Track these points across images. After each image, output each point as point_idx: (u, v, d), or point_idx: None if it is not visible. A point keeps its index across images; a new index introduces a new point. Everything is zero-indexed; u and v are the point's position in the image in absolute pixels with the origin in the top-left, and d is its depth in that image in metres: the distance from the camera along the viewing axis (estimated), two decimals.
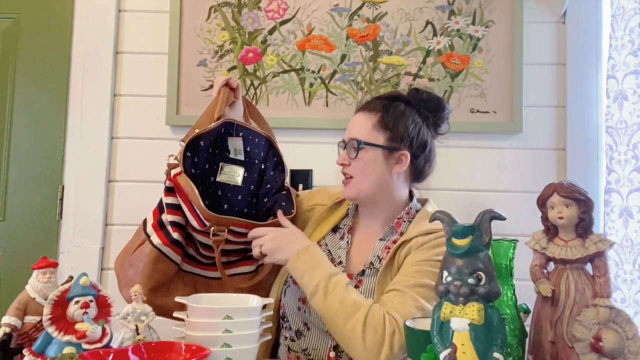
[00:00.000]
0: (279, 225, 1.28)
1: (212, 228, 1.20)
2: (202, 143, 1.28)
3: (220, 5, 1.91)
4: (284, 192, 1.37)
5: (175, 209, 1.26)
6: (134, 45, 1.93)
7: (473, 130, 1.84)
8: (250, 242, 1.26)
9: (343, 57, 1.89)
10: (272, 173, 1.38)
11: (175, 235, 1.24)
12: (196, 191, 1.20)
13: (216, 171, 1.34)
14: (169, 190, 1.27)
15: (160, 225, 1.27)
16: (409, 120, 1.26)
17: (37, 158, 1.90)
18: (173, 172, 1.24)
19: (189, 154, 1.26)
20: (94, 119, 1.89)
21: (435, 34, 1.88)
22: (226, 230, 1.22)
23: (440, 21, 1.88)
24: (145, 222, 1.31)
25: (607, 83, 1.64)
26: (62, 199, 1.88)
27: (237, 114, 1.40)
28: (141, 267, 1.24)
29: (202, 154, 1.28)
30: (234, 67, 1.89)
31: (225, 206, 1.34)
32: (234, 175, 1.36)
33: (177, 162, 1.24)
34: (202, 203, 1.19)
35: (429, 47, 1.88)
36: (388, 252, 1.23)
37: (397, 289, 1.13)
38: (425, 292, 1.11)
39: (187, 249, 1.29)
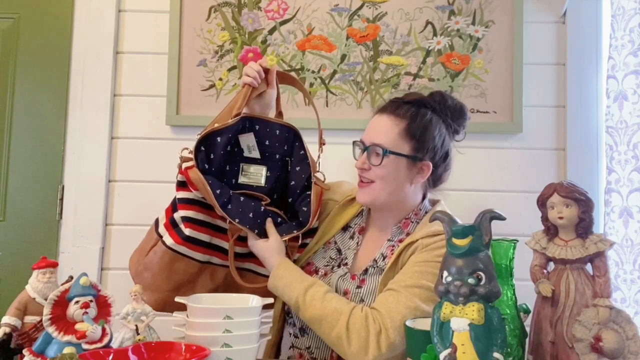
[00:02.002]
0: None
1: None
2: (219, 139, 1.22)
3: (220, 5, 1.91)
4: (309, 192, 1.29)
5: (188, 203, 1.21)
6: (134, 45, 1.93)
7: (473, 130, 1.82)
8: None
9: (343, 57, 1.89)
10: (297, 168, 1.31)
11: (187, 231, 1.19)
12: (207, 187, 1.16)
13: (237, 173, 1.29)
14: (181, 185, 1.22)
15: (172, 224, 1.23)
16: (435, 131, 1.24)
17: (37, 158, 1.90)
18: (185, 165, 1.20)
19: (203, 148, 1.21)
20: (94, 119, 1.89)
21: (435, 34, 1.88)
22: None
23: (440, 21, 1.88)
24: (157, 221, 1.27)
25: (607, 83, 1.64)
26: (62, 199, 1.88)
27: (264, 105, 1.33)
28: (157, 270, 1.21)
29: (218, 150, 1.22)
30: (234, 67, 1.89)
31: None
32: (256, 175, 1.31)
33: (190, 156, 1.20)
34: (216, 201, 1.16)
35: (429, 47, 1.88)
36: (392, 250, 1.23)
37: (394, 288, 1.13)
38: (421, 292, 1.10)
39: (213, 241, 1.24)
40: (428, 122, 1.24)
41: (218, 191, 1.19)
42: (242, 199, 1.23)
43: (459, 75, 1.87)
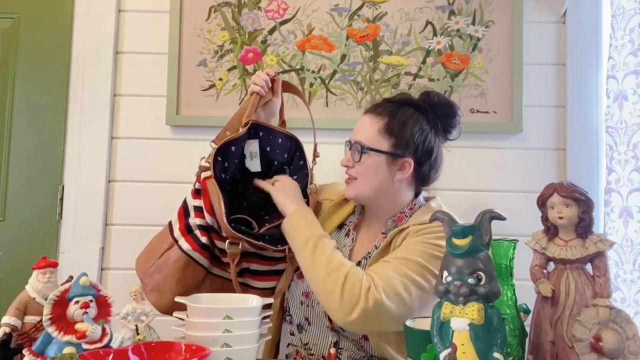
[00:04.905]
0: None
1: (229, 240, 1.21)
2: (233, 148, 1.27)
3: (220, 5, 1.91)
4: (305, 200, 1.33)
5: (203, 212, 1.25)
6: (134, 45, 1.93)
7: (473, 130, 1.84)
8: (271, 262, 1.29)
9: (343, 57, 1.89)
10: (294, 177, 1.36)
11: (204, 239, 1.23)
12: (222, 202, 1.19)
13: (244, 180, 1.31)
14: (198, 193, 1.26)
15: (187, 230, 1.26)
16: (416, 127, 1.25)
17: (37, 158, 1.90)
18: (203, 175, 1.25)
19: (219, 158, 1.25)
20: (94, 119, 1.89)
21: (435, 34, 1.88)
22: (241, 243, 1.22)
23: (440, 21, 1.88)
24: (170, 225, 1.30)
25: (607, 83, 1.64)
26: (62, 199, 1.88)
27: (269, 113, 1.39)
28: (169, 273, 1.23)
29: (232, 159, 1.27)
30: (234, 67, 1.89)
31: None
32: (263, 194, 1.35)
33: (208, 165, 1.24)
34: (224, 216, 1.19)
35: (429, 47, 1.88)
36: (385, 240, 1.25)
37: (383, 259, 1.16)
38: (409, 264, 1.12)
39: (215, 252, 1.27)
40: (408, 119, 1.26)
41: (226, 211, 1.23)
42: (243, 227, 1.28)
43: (459, 75, 1.87)
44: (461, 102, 1.85)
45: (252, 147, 1.32)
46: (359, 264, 1.26)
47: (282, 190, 1.28)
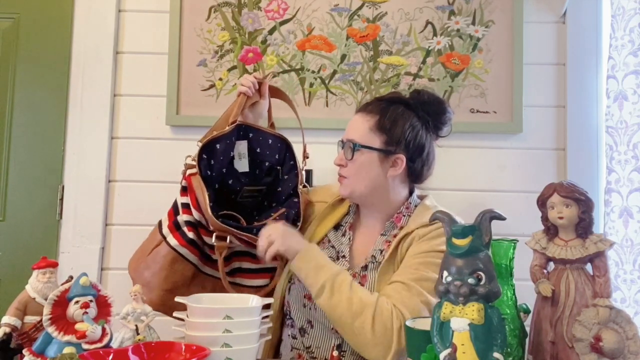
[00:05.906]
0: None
1: (215, 233, 1.21)
2: (218, 146, 1.29)
3: (220, 5, 1.91)
4: (295, 199, 1.36)
5: (190, 208, 1.27)
6: (134, 45, 1.92)
7: (473, 130, 1.84)
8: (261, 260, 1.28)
9: (343, 57, 1.88)
10: (285, 177, 1.39)
11: (191, 234, 1.25)
12: (206, 195, 1.21)
13: (235, 179, 1.33)
14: (185, 190, 1.28)
15: (176, 227, 1.28)
16: (406, 124, 1.27)
17: (37, 158, 1.90)
18: (189, 171, 1.27)
19: (204, 155, 1.28)
20: (94, 119, 1.89)
21: (435, 34, 1.88)
22: (229, 237, 1.22)
23: (440, 21, 1.88)
24: (160, 223, 1.32)
25: (607, 83, 1.64)
26: (62, 199, 1.88)
27: (257, 115, 1.42)
28: (157, 269, 1.25)
29: (218, 157, 1.29)
30: (234, 67, 1.89)
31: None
32: (256, 196, 1.39)
33: (194, 163, 1.27)
34: (209, 208, 1.20)
35: (429, 47, 1.88)
36: (389, 245, 1.24)
37: (403, 281, 1.14)
38: (429, 285, 1.12)
39: (204, 249, 1.28)
40: (398, 116, 1.27)
41: (211, 204, 1.24)
42: (230, 221, 1.29)
43: (459, 75, 1.87)
44: (461, 102, 1.85)
45: (241, 147, 1.35)
46: (365, 267, 1.25)
47: (278, 239, 1.19)
